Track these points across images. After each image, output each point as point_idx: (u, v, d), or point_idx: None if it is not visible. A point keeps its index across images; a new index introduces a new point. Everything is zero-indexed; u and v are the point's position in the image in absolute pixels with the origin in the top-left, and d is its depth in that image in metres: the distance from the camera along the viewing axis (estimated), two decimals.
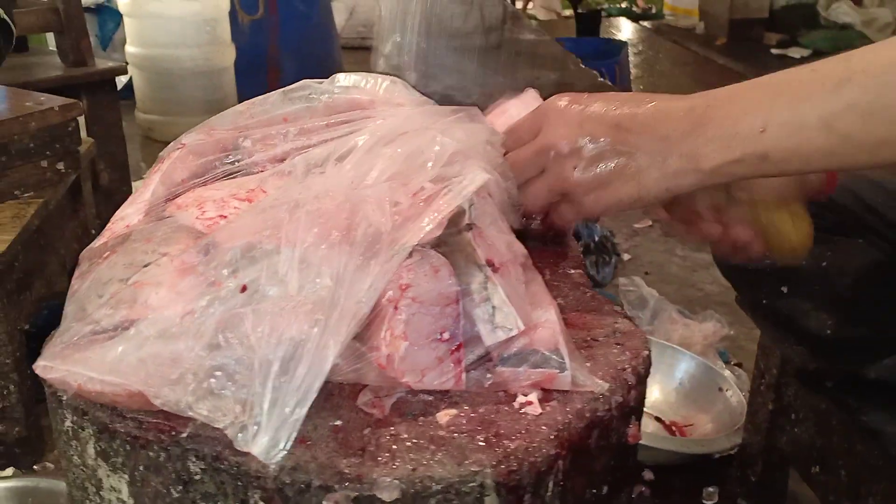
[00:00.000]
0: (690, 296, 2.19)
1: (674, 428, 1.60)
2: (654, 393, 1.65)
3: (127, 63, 2.98)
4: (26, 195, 1.54)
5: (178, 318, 0.59)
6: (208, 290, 0.60)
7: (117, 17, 3.61)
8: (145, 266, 0.64)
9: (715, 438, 1.48)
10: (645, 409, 1.61)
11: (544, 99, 0.81)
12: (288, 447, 0.56)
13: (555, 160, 0.75)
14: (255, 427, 0.55)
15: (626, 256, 2.40)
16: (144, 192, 0.72)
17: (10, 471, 1.43)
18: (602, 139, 0.72)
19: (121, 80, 3.54)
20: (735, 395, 1.56)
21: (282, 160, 0.74)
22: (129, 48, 3.04)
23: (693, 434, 1.57)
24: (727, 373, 1.65)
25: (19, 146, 1.52)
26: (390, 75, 0.86)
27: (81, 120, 2.14)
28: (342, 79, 0.80)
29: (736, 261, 0.83)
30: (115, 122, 2.33)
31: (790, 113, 0.67)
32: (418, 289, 0.64)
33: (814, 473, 1.21)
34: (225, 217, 0.65)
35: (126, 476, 0.66)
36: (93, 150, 1.85)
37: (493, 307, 0.67)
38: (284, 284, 0.59)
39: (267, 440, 0.55)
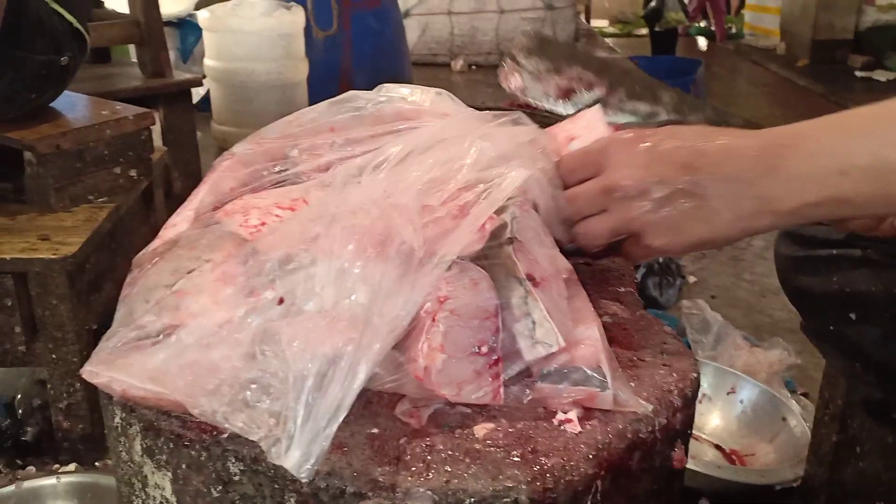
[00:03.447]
0: (758, 322, 2.13)
1: (734, 457, 1.55)
2: (715, 420, 1.61)
3: (205, 76, 3.07)
4: (99, 200, 1.59)
5: (218, 326, 0.61)
6: (246, 300, 0.62)
7: (198, 31, 3.73)
8: (189, 272, 0.65)
9: (776, 469, 1.43)
10: (704, 436, 1.58)
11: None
12: (318, 463, 0.56)
13: (620, 201, 0.72)
14: (288, 441, 0.56)
15: (691, 279, 2.35)
16: (194, 200, 0.74)
17: (72, 466, 1.48)
18: (671, 180, 0.69)
19: (200, 93, 3.66)
20: (799, 425, 1.51)
21: (326, 170, 0.75)
22: (207, 61, 3.13)
23: (754, 464, 1.52)
24: (792, 402, 1.59)
25: (94, 153, 1.58)
26: None
27: (157, 129, 2.23)
28: (389, 90, 0.81)
29: None
30: (189, 131, 2.40)
31: (872, 157, 0.64)
32: (457, 301, 0.64)
33: None
34: (266, 224, 0.66)
35: (169, 474, 0.68)
36: (166, 157, 1.92)
37: (534, 322, 0.67)
38: (320, 299, 0.60)
39: (299, 455, 0.55)
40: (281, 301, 0.62)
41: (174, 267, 0.68)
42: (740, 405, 1.61)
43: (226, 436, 0.63)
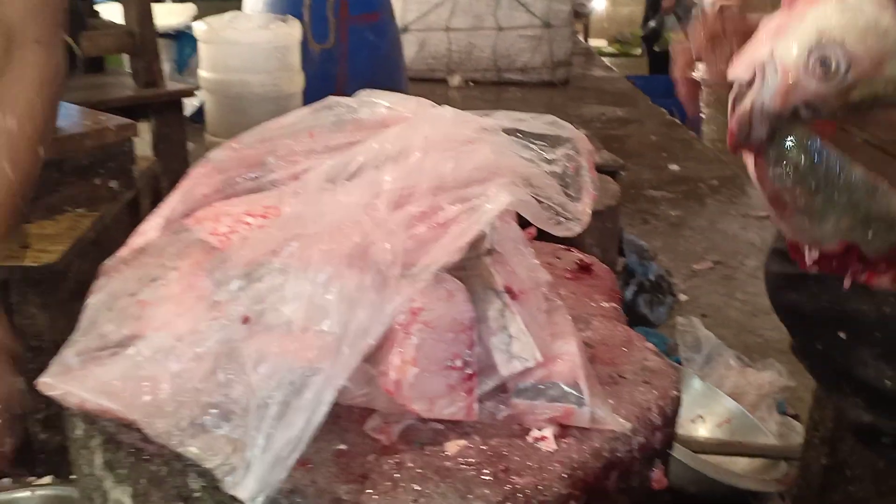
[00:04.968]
0: (749, 342, 2.10)
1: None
2: (702, 433, 1.59)
3: (199, 87, 3.06)
4: (77, 211, 1.56)
5: (179, 340, 0.58)
6: (210, 313, 0.59)
7: (195, 43, 3.73)
8: (154, 280, 0.63)
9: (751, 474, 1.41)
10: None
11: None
12: (273, 494, 0.54)
13: None
14: (245, 471, 0.54)
15: (683, 297, 2.33)
16: (165, 207, 0.72)
17: (48, 479, 1.45)
18: None
19: (195, 104, 3.65)
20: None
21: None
22: (202, 72, 3.12)
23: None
24: (770, 424, 1.58)
25: (73, 163, 1.54)
26: None
27: (147, 139, 2.21)
28: (370, 97, 0.79)
29: None
30: (179, 141, 2.39)
31: None
32: (431, 313, 0.62)
33: None
34: (236, 231, 0.64)
35: (130, 488, 0.65)
36: (154, 167, 1.89)
37: (511, 336, 0.65)
38: (289, 321, 0.58)
39: (254, 485, 0.53)
40: (246, 319, 0.59)
41: (140, 275, 0.66)
42: (731, 435, 1.59)
43: None
